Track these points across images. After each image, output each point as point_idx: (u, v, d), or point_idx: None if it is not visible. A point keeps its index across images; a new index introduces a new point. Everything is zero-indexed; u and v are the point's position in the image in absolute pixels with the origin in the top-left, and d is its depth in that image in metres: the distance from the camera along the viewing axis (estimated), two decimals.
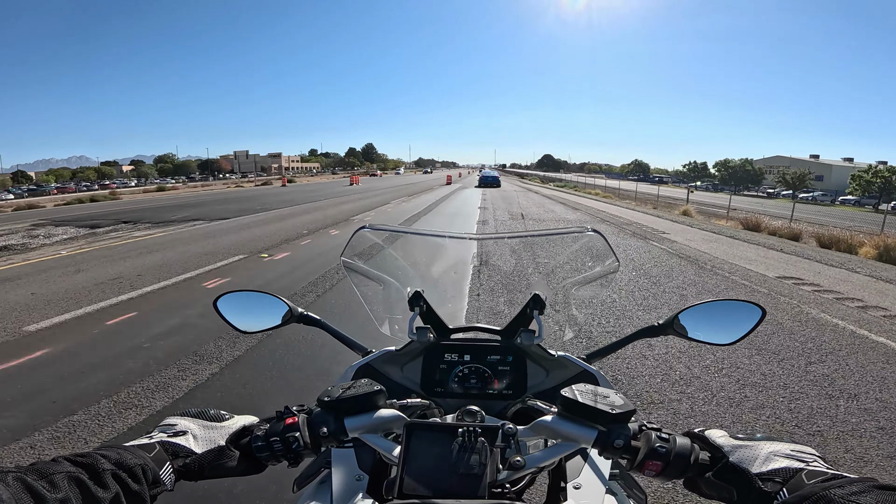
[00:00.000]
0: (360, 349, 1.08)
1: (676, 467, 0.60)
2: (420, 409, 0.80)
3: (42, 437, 2.67)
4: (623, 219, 15.36)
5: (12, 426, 2.79)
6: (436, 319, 1.01)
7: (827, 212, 33.33)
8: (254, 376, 3.44)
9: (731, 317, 0.95)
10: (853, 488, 0.44)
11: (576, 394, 0.63)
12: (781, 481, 0.51)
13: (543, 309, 0.97)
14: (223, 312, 1.04)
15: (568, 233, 1.03)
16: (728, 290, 6.16)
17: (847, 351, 4.06)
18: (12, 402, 3.07)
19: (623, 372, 3.53)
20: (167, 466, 0.56)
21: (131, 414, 2.93)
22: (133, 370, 3.53)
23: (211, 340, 4.04)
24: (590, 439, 0.62)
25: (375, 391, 0.67)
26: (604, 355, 1.05)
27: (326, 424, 0.65)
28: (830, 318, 5.03)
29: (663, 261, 8.05)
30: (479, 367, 0.99)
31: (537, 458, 0.65)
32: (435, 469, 0.60)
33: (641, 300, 5.52)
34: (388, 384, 0.78)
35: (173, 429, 0.62)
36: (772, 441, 0.58)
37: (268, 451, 0.64)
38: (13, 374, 3.49)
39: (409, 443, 0.63)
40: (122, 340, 4.13)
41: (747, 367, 3.65)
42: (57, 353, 3.86)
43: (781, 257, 9.00)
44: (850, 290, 6.42)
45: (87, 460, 0.49)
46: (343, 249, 1.04)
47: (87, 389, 3.23)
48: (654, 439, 0.61)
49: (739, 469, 0.56)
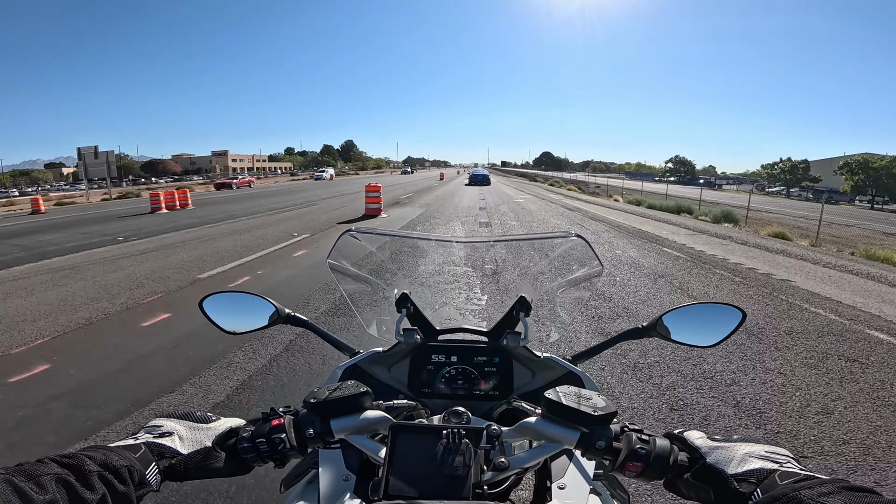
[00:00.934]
0: (348, 350, 1.08)
1: (656, 468, 0.61)
2: (406, 410, 0.81)
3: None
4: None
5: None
6: (423, 321, 1.02)
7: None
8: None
9: (713, 319, 0.96)
10: (823, 489, 0.46)
11: (559, 396, 0.64)
12: (756, 482, 0.53)
13: (529, 311, 0.98)
14: (209, 313, 1.03)
15: (553, 237, 1.04)
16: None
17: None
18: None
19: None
20: (153, 467, 0.56)
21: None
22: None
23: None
24: (573, 440, 0.63)
25: (361, 393, 0.68)
26: (589, 357, 1.07)
27: (312, 426, 0.66)
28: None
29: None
30: (465, 368, 1.00)
31: (521, 458, 0.66)
32: (420, 470, 0.61)
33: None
34: (376, 385, 0.78)
35: (159, 430, 0.62)
36: (747, 443, 0.59)
37: (254, 452, 0.64)
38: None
39: (395, 444, 0.63)
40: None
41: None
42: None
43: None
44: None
45: (74, 461, 0.49)
46: (329, 252, 1.04)
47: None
48: (635, 441, 0.62)
49: (716, 470, 0.57)
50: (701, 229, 12.89)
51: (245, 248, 8.60)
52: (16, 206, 22.61)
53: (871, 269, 8.03)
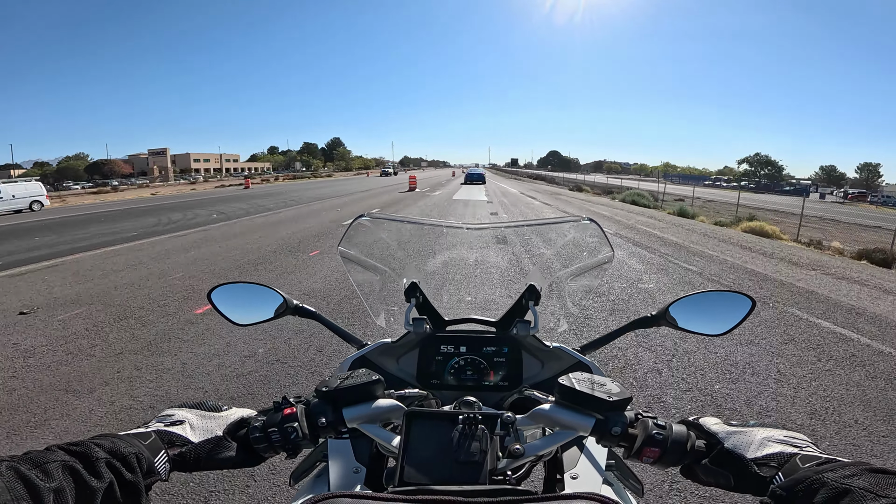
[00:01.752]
0: (356, 342, 1.08)
1: (674, 454, 0.61)
2: (417, 399, 0.80)
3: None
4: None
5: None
6: (432, 311, 1.01)
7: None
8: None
9: (722, 307, 0.96)
10: (846, 472, 0.45)
11: (573, 382, 0.64)
12: (777, 466, 0.52)
13: (539, 300, 0.97)
14: (217, 304, 1.03)
15: (563, 222, 1.03)
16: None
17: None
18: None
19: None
20: (162, 454, 0.56)
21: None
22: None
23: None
24: (588, 427, 0.63)
25: (374, 381, 0.67)
26: (597, 346, 1.06)
27: (325, 415, 0.65)
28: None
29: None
30: (475, 358, 1.00)
31: (536, 446, 0.65)
32: (435, 457, 0.60)
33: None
34: (384, 376, 0.78)
35: (170, 418, 0.62)
36: (765, 427, 0.59)
37: (265, 442, 0.63)
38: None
39: (409, 431, 0.63)
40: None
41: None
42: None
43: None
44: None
45: (81, 449, 0.49)
46: (340, 240, 1.03)
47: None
48: (651, 426, 0.62)
49: (735, 455, 0.57)
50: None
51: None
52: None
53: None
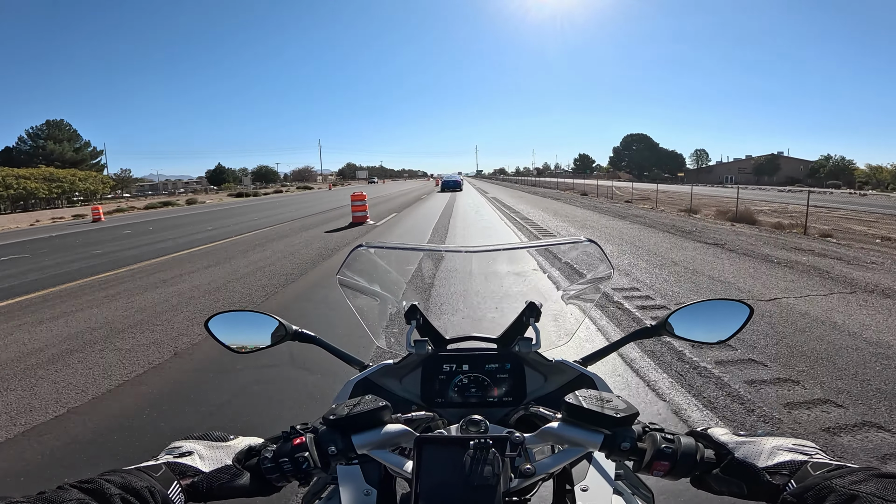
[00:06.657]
0: (358, 363, 1.07)
1: (684, 466, 0.61)
2: (425, 421, 0.80)
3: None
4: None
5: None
6: (432, 331, 1.02)
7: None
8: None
9: (720, 316, 0.97)
10: (854, 477, 0.46)
11: (580, 400, 0.64)
12: (788, 473, 0.53)
13: (539, 317, 0.98)
14: (215, 333, 1.03)
15: (564, 242, 1.04)
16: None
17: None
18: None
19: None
20: (175, 486, 0.55)
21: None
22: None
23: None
24: (597, 443, 0.63)
25: (381, 407, 0.67)
26: (598, 358, 1.07)
27: (334, 443, 0.65)
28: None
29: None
30: (478, 375, 1.00)
31: (546, 464, 0.66)
32: (449, 483, 0.60)
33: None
34: (389, 397, 0.78)
35: (178, 450, 0.61)
36: (773, 437, 0.60)
37: (277, 471, 0.63)
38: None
39: (421, 458, 0.63)
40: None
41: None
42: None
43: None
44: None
45: (94, 486, 0.48)
46: (339, 268, 1.04)
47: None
48: (660, 440, 0.62)
49: (746, 464, 0.57)
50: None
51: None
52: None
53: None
